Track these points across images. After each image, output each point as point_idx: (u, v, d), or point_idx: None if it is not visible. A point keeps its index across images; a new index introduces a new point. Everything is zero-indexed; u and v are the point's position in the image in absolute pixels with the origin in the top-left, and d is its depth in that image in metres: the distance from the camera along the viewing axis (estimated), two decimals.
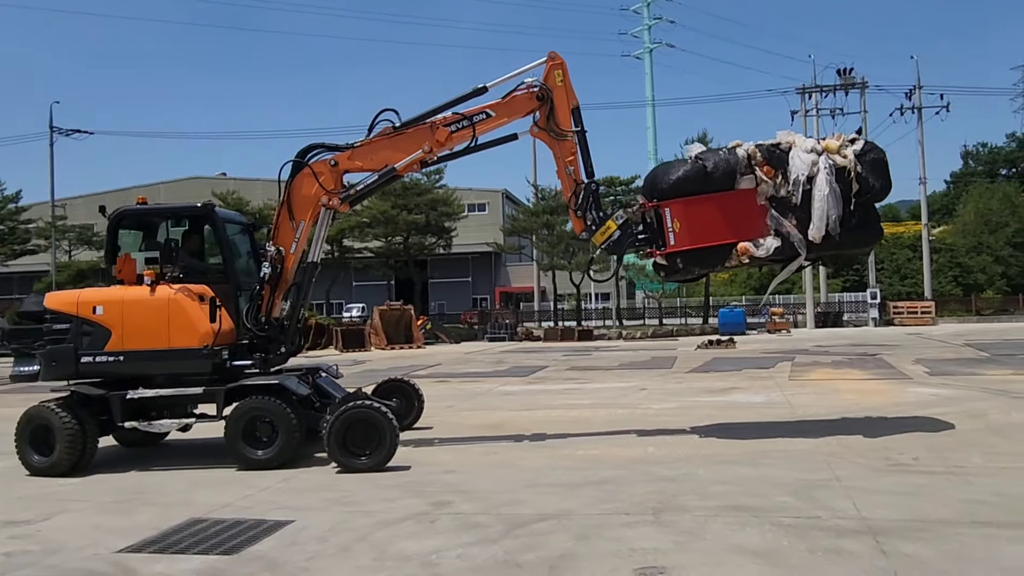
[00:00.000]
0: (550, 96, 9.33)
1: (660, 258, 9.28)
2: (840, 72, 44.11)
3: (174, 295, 8.65)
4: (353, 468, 8.06)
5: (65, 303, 8.81)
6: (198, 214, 9.48)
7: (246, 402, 8.56)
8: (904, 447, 8.31)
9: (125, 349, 8.57)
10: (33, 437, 8.40)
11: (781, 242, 8.95)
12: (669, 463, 7.93)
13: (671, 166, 9.60)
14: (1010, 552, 4.90)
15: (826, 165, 8.83)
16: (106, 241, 9.32)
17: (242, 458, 8.44)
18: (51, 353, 8.65)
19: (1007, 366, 16.70)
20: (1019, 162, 73.41)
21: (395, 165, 9.25)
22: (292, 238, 9.24)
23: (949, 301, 47.07)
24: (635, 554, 5.11)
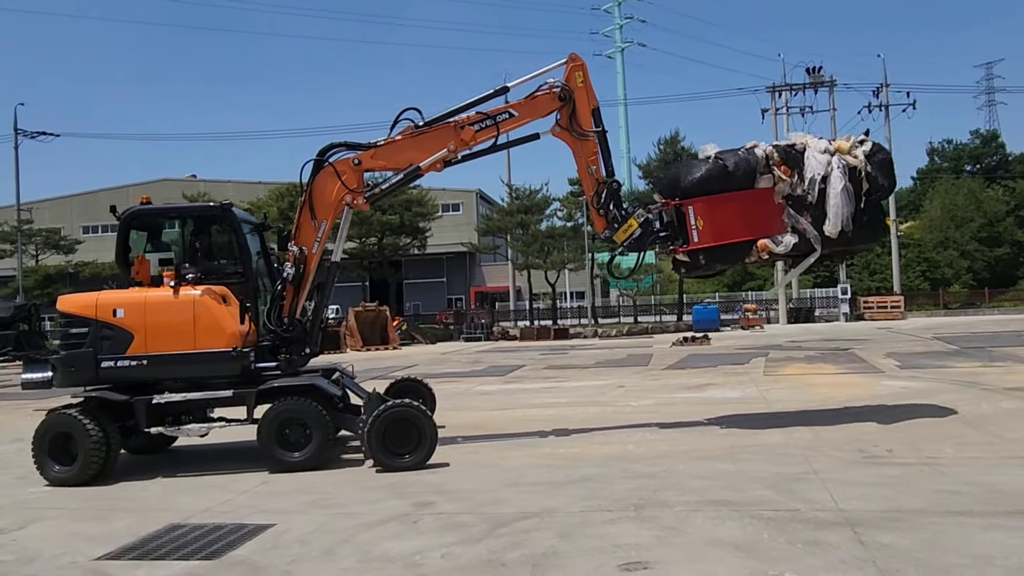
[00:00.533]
0: (572, 97, 9.46)
1: (682, 255, 9.52)
2: (809, 71, 44.69)
3: (200, 296, 8.41)
4: (395, 467, 8.03)
5: (83, 306, 8.44)
6: (214, 214, 9.32)
7: (279, 404, 8.39)
8: (878, 440, 8.44)
9: (148, 353, 8.29)
10: (52, 446, 8.07)
11: (798, 239, 9.30)
12: (649, 460, 7.99)
13: (692, 166, 9.76)
14: (982, 540, 5.01)
15: (839, 165, 9.20)
16: (117, 242, 8.99)
17: (277, 461, 8.28)
18: (69, 358, 8.31)
19: (975, 359, 17.02)
20: (983, 158, 74.74)
21: (420, 164, 9.26)
22: (314, 238, 9.16)
23: (917, 296, 47.90)
24: (618, 550, 5.16)
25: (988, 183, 66.55)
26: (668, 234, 9.51)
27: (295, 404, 8.40)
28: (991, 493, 6.11)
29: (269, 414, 8.35)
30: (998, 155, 74.37)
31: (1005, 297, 48.80)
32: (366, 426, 8.11)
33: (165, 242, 9.22)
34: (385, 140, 9.30)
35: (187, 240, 9.22)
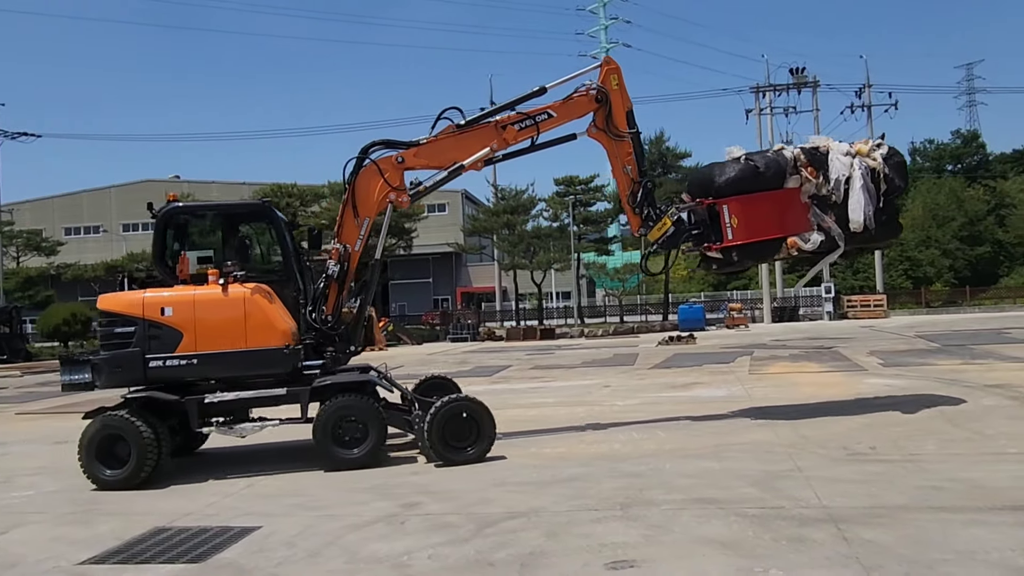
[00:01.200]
0: (608, 99, 9.71)
1: (716, 252, 9.80)
2: (793, 71, 45.00)
3: (251, 294, 8.34)
4: (458, 461, 8.17)
5: (128, 304, 8.26)
6: (254, 211, 9.29)
7: (336, 401, 8.35)
8: (861, 437, 8.52)
9: (199, 351, 8.18)
10: (99, 449, 7.88)
11: (824, 236, 9.75)
12: (635, 459, 8.02)
13: (724, 166, 9.96)
14: (964, 535, 5.06)
15: (860, 167, 9.69)
16: (154, 240, 8.86)
17: (336, 459, 8.27)
18: (116, 358, 8.11)
19: (957, 356, 17.19)
20: (964, 158, 75.54)
21: (463, 162, 9.38)
22: (357, 235, 9.19)
23: (900, 294, 48.33)
24: (605, 549, 5.18)
25: (969, 183, 67.26)
26: (700, 232, 9.78)
27: (352, 401, 8.41)
28: (972, 489, 6.18)
29: (325, 411, 8.30)
30: (979, 155, 75.21)
31: (986, 295, 49.30)
32: (425, 422, 8.22)
33: (204, 240, 9.16)
34: (427, 139, 9.41)
35: (226, 238, 9.13)
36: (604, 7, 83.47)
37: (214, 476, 8.24)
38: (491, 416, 8.48)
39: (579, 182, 45.85)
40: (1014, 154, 76.27)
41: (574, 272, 45.99)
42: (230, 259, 8.67)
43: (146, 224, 58.25)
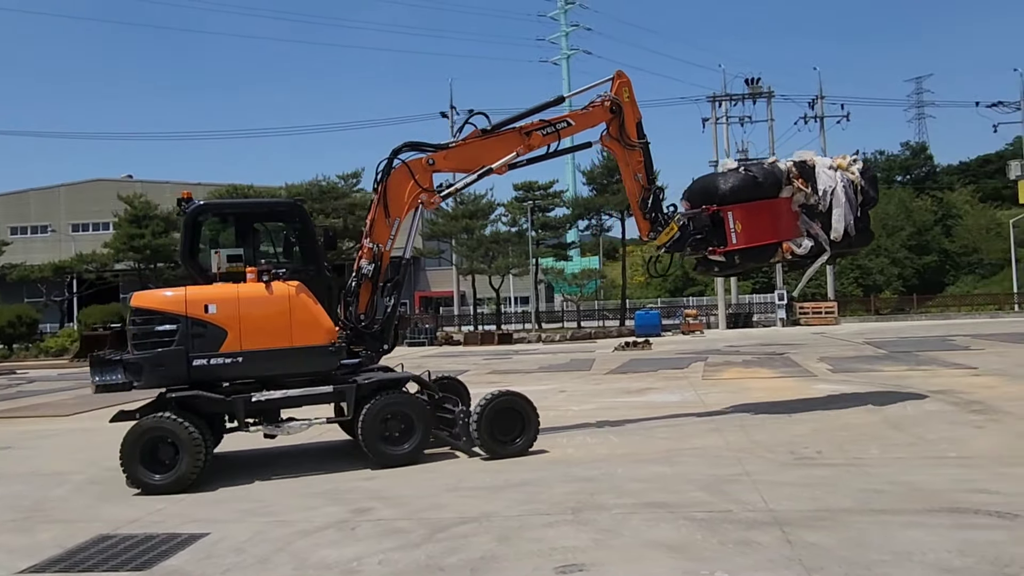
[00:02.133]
0: (622, 110, 10.33)
1: (719, 255, 10.52)
2: (748, 81, 45.72)
3: (295, 292, 8.32)
4: (505, 454, 8.50)
5: (170, 302, 8.07)
6: (285, 210, 9.32)
7: (384, 398, 8.45)
8: (808, 442, 8.70)
9: (244, 350, 8.08)
10: (143, 453, 7.65)
11: (813, 242, 10.61)
12: (588, 463, 8.08)
13: (724, 176, 10.76)
14: (903, 537, 5.21)
15: (842, 179, 10.65)
16: (184, 237, 8.69)
17: (383, 456, 8.35)
18: (159, 356, 7.89)
19: (902, 363, 17.64)
20: (913, 169, 77.62)
21: (491, 165, 9.79)
22: (388, 235, 9.36)
23: (851, 301, 49.36)
24: (555, 553, 5.21)
25: (917, 193, 69.09)
26: (703, 237, 10.42)
27: (400, 398, 8.62)
28: (912, 492, 6.36)
29: (373, 408, 8.34)
30: (927, 166, 77.34)
31: (932, 303, 50.62)
32: (473, 417, 8.45)
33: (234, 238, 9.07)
34: (456, 142, 9.79)
35: (257, 236, 9.15)
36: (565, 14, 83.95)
37: None
38: (535, 410, 8.85)
39: (538, 187, 46.01)
40: (960, 166, 78.70)
41: (532, 277, 46.12)
42: (262, 257, 8.73)
43: (97, 224, 57.09)
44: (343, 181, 45.00)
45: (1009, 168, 50.37)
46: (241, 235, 9.10)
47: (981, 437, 8.62)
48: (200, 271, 8.64)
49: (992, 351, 19.61)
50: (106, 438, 9.81)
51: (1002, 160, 61.87)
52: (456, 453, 8.93)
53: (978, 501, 5.96)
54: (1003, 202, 65.14)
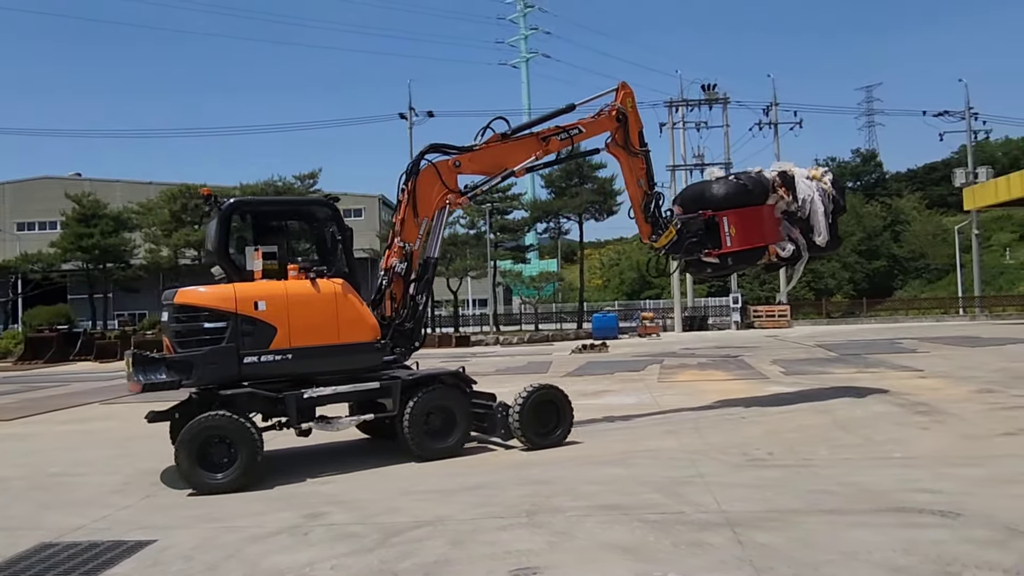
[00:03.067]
0: (627, 119, 10.95)
1: (714, 257, 11.29)
2: (704, 88, 46.31)
3: (341, 290, 8.46)
4: (544, 444, 8.92)
5: (220, 299, 8.00)
6: (319, 208, 9.38)
7: (429, 393, 8.68)
8: (761, 443, 8.83)
9: (293, 346, 8.09)
10: (199, 453, 7.56)
11: (794, 246, 11.42)
12: (543, 465, 8.09)
13: (717, 184, 11.53)
14: (850, 536, 5.31)
15: (818, 189, 11.45)
16: (217, 233, 8.54)
17: (428, 450, 8.58)
18: (211, 354, 7.82)
19: (852, 365, 18.01)
20: (863, 176, 79.32)
21: (513, 168, 10.25)
22: (417, 234, 9.58)
23: (803, 305, 50.25)
24: (509, 556, 5.21)
25: (867, 199, 70.60)
26: (698, 240, 11.17)
27: (444, 393, 8.85)
28: (859, 492, 6.49)
29: (419, 403, 8.54)
30: (876, 173, 79.12)
31: (882, 307, 51.85)
32: (515, 410, 8.83)
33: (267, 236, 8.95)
34: (480, 146, 10.12)
35: (291, 234, 9.25)
36: (524, 17, 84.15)
37: (111, 488, 7.89)
38: (569, 402, 9.30)
39: (496, 190, 45.98)
40: (908, 173, 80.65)
41: (490, 280, 46.08)
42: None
43: (43, 223, 55.47)
44: (300, 181, 44.44)
45: (954, 176, 51.76)
46: (275, 233, 9.02)
47: (926, 438, 8.83)
48: (234, 268, 8.54)
49: (937, 354, 20.13)
50: (50, 444, 9.59)
51: (948, 168, 63.62)
52: (408, 456, 8.88)
53: (922, 501, 6.10)
54: (949, 208, 66.96)
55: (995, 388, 12.61)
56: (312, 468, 8.57)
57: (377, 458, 9.03)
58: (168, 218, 41.33)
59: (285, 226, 9.27)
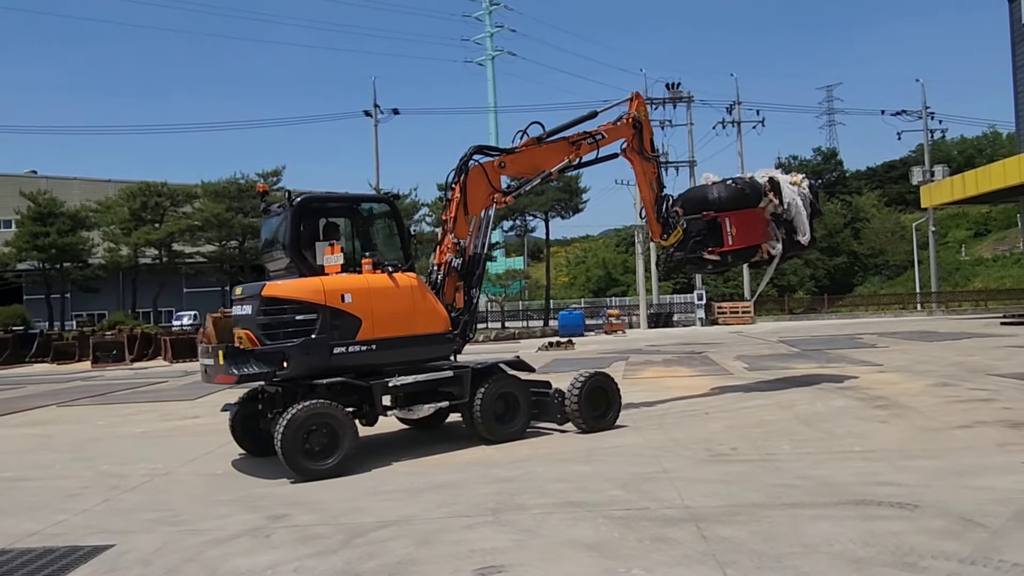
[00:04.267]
0: (641, 126, 11.72)
1: (715, 255, 12.17)
2: (669, 86, 46.68)
3: (416, 283, 9.00)
4: (598, 428, 9.58)
5: (310, 292, 8.25)
6: (383, 203, 10.00)
7: (498, 381, 9.30)
8: (724, 439, 8.92)
9: (376, 337, 8.47)
10: (302, 441, 7.79)
11: (782, 244, 12.35)
12: (508, 464, 8.09)
13: (716, 187, 12.36)
14: (811, 529, 5.38)
15: (799, 193, 12.47)
16: (290, 229, 8.73)
17: (498, 435, 9.14)
18: (306, 345, 8.10)
19: (813, 360, 18.28)
20: (824, 174, 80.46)
21: (551, 170, 10.88)
22: (468, 230, 9.99)
23: (766, 302, 50.89)
24: (475, 555, 5.19)
25: (828, 197, 71.67)
26: (701, 239, 12.03)
27: (510, 380, 9.54)
28: (820, 485, 6.58)
29: (490, 391, 9.12)
30: (837, 171, 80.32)
31: (842, 303, 52.73)
32: (573, 396, 9.47)
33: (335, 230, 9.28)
34: (519, 147, 10.64)
35: (355, 229, 9.51)
36: (490, 15, 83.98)
37: (64, 493, 7.71)
38: (618, 389, 10.08)
39: None
40: (868, 171, 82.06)
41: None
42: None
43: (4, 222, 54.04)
44: (263, 179, 43.90)
45: (912, 174, 52.85)
46: (340, 228, 9.35)
47: (885, 431, 8.98)
48: (306, 263, 8.68)
49: (896, 349, 20.52)
50: (3, 447, 9.32)
51: (906, 166, 64.84)
52: (371, 456, 8.81)
53: (882, 493, 6.20)
54: (907, 206, 68.32)
55: (951, 382, 12.88)
56: (275, 469, 8.46)
57: None
58: (128, 216, 40.59)
59: (350, 221, 9.55)
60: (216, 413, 13.69)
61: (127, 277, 43.44)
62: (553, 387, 9.85)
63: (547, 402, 9.73)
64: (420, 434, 10.34)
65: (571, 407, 9.49)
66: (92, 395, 17.88)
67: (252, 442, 9.19)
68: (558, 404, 9.57)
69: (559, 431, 9.78)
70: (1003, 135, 72.29)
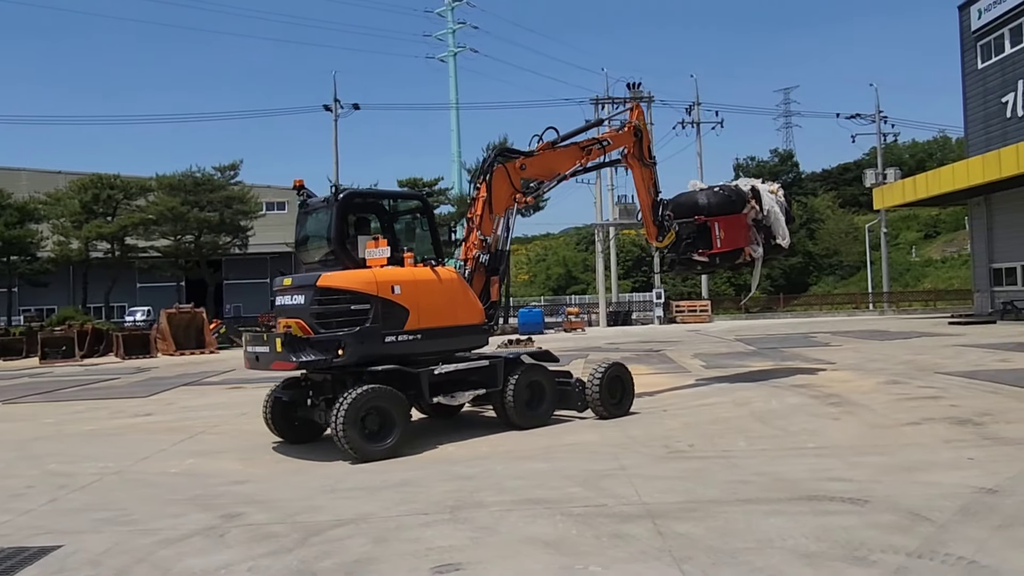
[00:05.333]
0: (642, 134, 12.49)
1: (704, 257, 13.01)
2: (630, 86, 46.86)
3: (455, 276, 9.55)
4: (614, 415, 10.24)
5: (363, 283, 8.66)
6: (419, 200, 10.59)
7: (528, 371, 9.82)
8: (681, 435, 9.01)
9: (422, 327, 8.92)
10: (361, 424, 8.20)
11: (763, 248, 13.27)
12: (468, 461, 8.07)
13: (705, 193, 13.18)
14: (765, 524, 5.46)
15: (777, 200, 13.49)
16: (335, 222, 9.08)
17: (529, 420, 9.69)
18: (361, 334, 8.52)
19: (769, 358, 18.57)
20: (781, 175, 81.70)
21: (565, 172, 11.46)
22: (492, 228, 10.40)
23: (723, 300, 51.57)
24: (432, 553, 5.16)
25: None
26: (692, 241, 12.86)
27: (538, 370, 10.03)
28: (775, 481, 6.68)
29: (522, 379, 9.67)
30: (793, 173, 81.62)
31: (798, 302, 53.59)
32: (594, 384, 10.14)
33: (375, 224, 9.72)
34: (537, 150, 11.06)
35: (392, 224, 9.86)
36: (452, 11, 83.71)
37: (9, 492, 7.49)
38: (632, 378, 10.75)
39: (424, 184, 45.68)
40: (823, 173, 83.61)
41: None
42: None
43: None
44: (220, 173, 43.22)
45: (865, 176, 53.90)
46: (384, 223, 9.77)
47: (837, 428, 9.16)
48: (349, 256, 9.07)
49: (849, 347, 20.94)
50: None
51: (859, 169, 66.14)
52: (330, 454, 8.73)
53: (833, 489, 6.33)
54: (860, 208, 69.74)
55: (901, 379, 13.19)
56: (226, 467, 8.34)
57: (298, 456, 8.86)
58: (79, 209, 39.57)
59: (389, 216, 9.93)
60: (169, 410, 13.49)
61: (78, 271, 42.38)
62: (573, 378, 10.49)
63: (568, 391, 10.32)
64: None
65: (592, 395, 10.15)
66: (40, 392, 17.44)
67: (289, 430, 9.58)
68: (579, 392, 10.24)
69: (579, 418, 10.36)
70: (952, 140, 74.21)
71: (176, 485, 7.58)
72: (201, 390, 16.95)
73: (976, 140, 33.65)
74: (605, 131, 12.46)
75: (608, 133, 12.25)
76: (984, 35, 32.97)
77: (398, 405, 8.49)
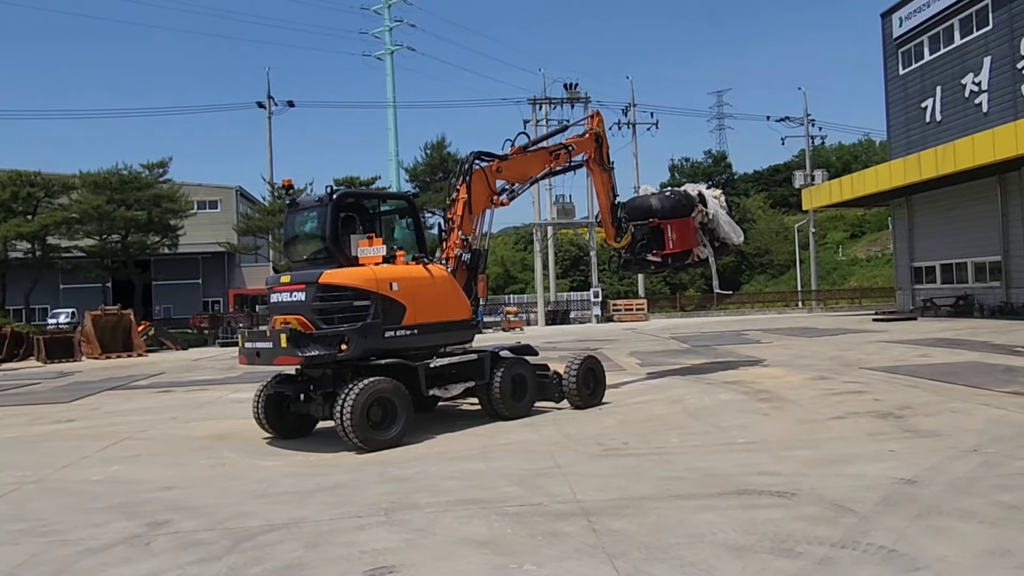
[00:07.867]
0: (601, 140, 13.16)
1: (657, 257, 13.76)
2: (567, 87, 47.29)
3: (446, 274, 9.94)
4: (590, 404, 10.93)
5: (364, 279, 8.91)
6: (404, 199, 10.72)
7: (513, 365, 10.35)
8: (616, 433, 9.12)
9: (418, 322, 9.27)
10: (368, 415, 8.48)
11: (709, 249, 14.21)
12: (403, 463, 8.01)
13: (657, 197, 14.02)
14: (697, 519, 5.56)
15: (720, 205, 14.48)
16: (329, 221, 9.28)
17: (515, 412, 10.21)
18: (364, 329, 8.77)
19: (702, 356, 18.94)
20: (714, 176, 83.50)
21: (536, 176, 12.06)
22: (472, 228, 10.74)
23: (659, 299, 52.41)
24: (366, 556, 5.11)
25: None
26: (647, 243, 13.57)
27: (521, 364, 10.55)
28: (706, 477, 6.81)
29: (507, 373, 10.16)
30: (726, 173, 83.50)
31: (731, 301, 54.80)
32: (571, 377, 10.79)
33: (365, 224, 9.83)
34: (511, 154, 11.48)
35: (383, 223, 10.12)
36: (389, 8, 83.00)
37: None
38: (603, 369, 11.58)
39: (361, 183, 45.19)
40: (754, 174, 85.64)
41: None
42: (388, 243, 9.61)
43: None
44: (148, 171, 41.97)
45: (795, 178, 55.50)
46: (371, 221, 9.95)
47: (767, 424, 9.39)
48: (344, 254, 9.24)
49: (779, 344, 21.49)
50: None
51: (789, 170, 68.09)
52: (263, 458, 8.56)
53: (762, 483, 6.48)
54: (790, 208, 71.70)
55: (827, 375, 13.60)
56: (153, 473, 8.09)
57: (230, 461, 8.65)
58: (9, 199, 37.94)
59: (378, 216, 10.18)
60: (93, 416, 13.04)
61: None
62: (551, 370, 11.02)
63: (546, 383, 10.87)
64: (315, 433, 10.09)
65: (569, 387, 10.77)
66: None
67: (281, 426, 9.74)
68: (556, 384, 10.82)
69: (555, 408, 11.00)
70: (876, 143, 76.90)
71: (99, 493, 7.32)
72: (128, 394, 16.42)
73: (898, 144, 34.96)
74: (569, 136, 12.97)
75: (572, 139, 12.77)
76: (905, 42, 34.26)
77: (401, 396, 8.78)
